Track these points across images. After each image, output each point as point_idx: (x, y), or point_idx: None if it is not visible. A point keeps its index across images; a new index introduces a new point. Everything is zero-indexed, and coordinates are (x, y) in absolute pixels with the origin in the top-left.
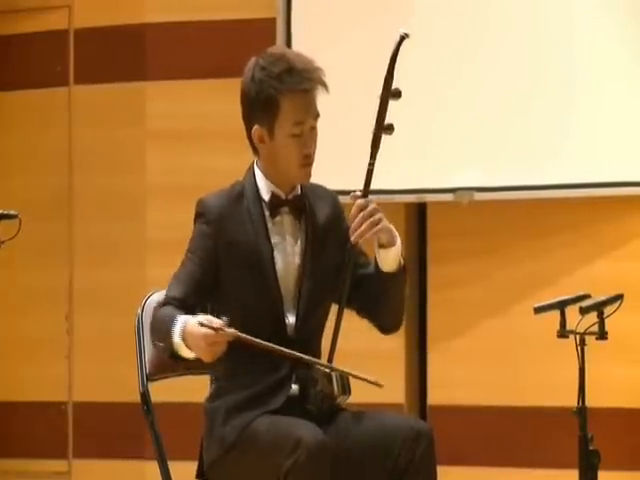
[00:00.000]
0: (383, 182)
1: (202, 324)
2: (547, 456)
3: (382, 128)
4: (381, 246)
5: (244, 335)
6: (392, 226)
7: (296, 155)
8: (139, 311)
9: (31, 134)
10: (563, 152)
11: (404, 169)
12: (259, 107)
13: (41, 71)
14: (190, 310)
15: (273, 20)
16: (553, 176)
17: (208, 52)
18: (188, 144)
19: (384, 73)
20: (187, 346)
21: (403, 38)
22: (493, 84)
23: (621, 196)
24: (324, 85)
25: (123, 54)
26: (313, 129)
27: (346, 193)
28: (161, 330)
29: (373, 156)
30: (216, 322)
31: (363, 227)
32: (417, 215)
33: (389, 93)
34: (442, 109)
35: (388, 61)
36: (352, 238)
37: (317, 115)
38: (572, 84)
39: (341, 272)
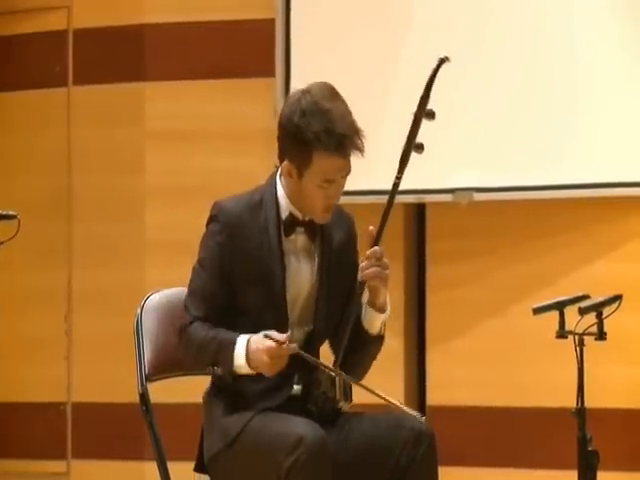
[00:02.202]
0: (382, 182)
1: (267, 336)
2: (546, 457)
3: (412, 146)
4: (372, 306)
5: (305, 353)
6: (388, 296)
7: (321, 203)
8: (138, 312)
9: (30, 134)
10: (562, 153)
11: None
12: (292, 148)
13: (40, 71)
14: (215, 326)
15: (272, 21)
16: (552, 177)
17: (207, 53)
18: (187, 145)
19: (420, 91)
20: (249, 364)
21: (443, 61)
22: (493, 85)
23: (620, 197)
24: (361, 151)
25: (122, 54)
26: (342, 179)
27: (350, 194)
28: (217, 353)
29: (401, 171)
30: (280, 336)
31: (371, 270)
32: (416, 215)
33: (423, 112)
34: (442, 110)
35: (426, 82)
36: (361, 275)
37: (349, 172)
38: (572, 85)
39: (351, 296)
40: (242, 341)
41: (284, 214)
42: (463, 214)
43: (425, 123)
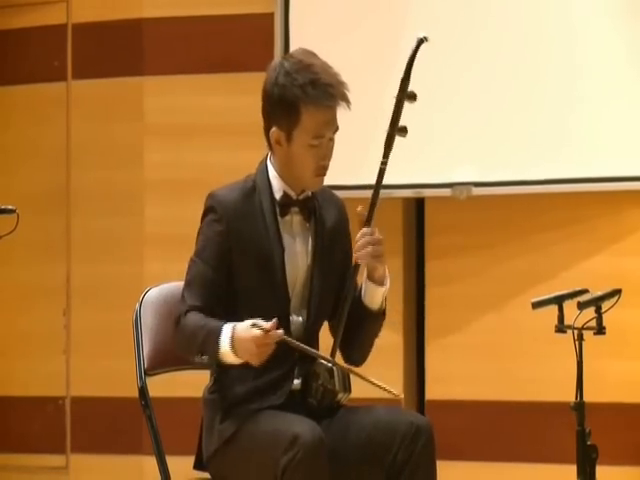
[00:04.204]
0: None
1: (254, 325)
2: (545, 451)
3: (396, 129)
4: (371, 280)
5: (290, 339)
6: (387, 268)
7: (312, 165)
8: (137, 306)
9: (29, 129)
10: (560, 147)
11: (402, 164)
12: (280, 111)
13: (39, 66)
14: (212, 316)
15: (271, 15)
16: (551, 171)
17: (206, 47)
18: (186, 139)
19: (400, 74)
20: (235, 353)
21: (421, 41)
22: (491, 80)
23: (619, 191)
24: (347, 101)
25: (121, 49)
26: (331, 140)
27: (342, 188)
28: (204, 342)
29: (386, 155)
30: (266, 324)
31: (364, 252)
32: (415, 210)
33: (404, 95)
34: (440, 104)
35: (406, 64)
36: (355, 257)
37: (336, 129)
38: (571, 79)
39: (345, 279)
40: (227, 329)
41: (278, 194)
42: (462, 209)
43: (424, 119)
